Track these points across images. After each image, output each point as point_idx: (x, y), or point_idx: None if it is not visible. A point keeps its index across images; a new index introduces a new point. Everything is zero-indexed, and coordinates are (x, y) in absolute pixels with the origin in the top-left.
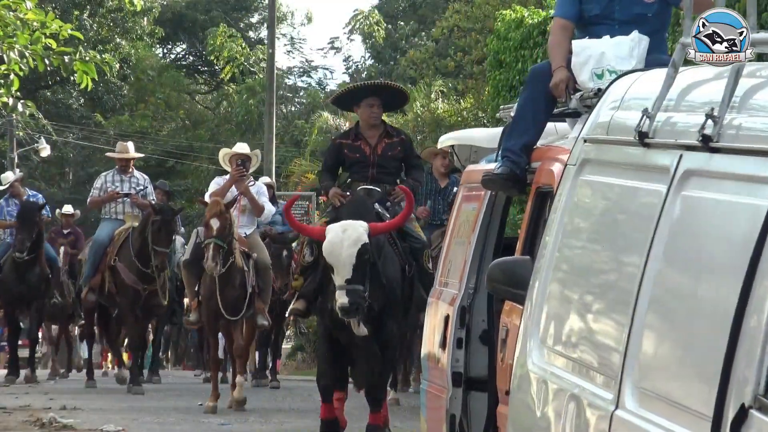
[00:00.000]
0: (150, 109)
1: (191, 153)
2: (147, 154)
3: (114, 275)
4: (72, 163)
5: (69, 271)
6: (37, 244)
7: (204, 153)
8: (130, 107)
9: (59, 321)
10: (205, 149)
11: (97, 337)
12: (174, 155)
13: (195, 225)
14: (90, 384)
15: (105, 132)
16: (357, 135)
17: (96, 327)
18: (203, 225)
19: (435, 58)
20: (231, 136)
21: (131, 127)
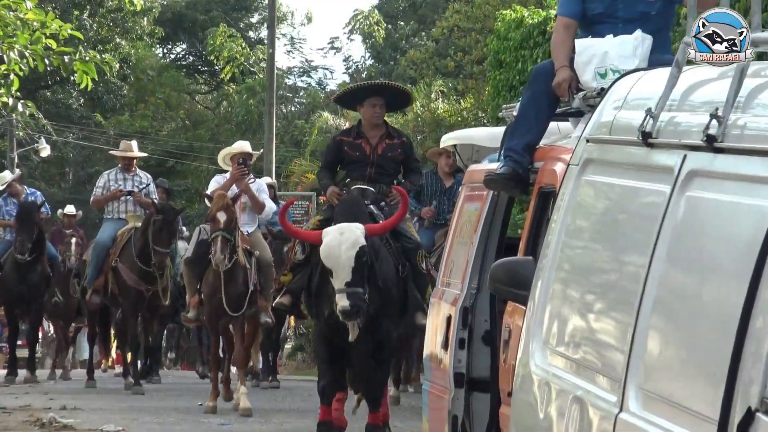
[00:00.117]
0: (150, 109)
1: (191, 153)
2: (147, 154)
3: (116, 276)
4: (72, 163)
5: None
6: (38, 244)
7: (204, 153)
8: (130, 107)
9: (62, 320)
10: (205, 149)
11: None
12: (174, 155)
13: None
14: (90, 384)
15: (105, 132)
16: (359, 133)
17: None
18: (209, 219)
19: (435, 58)
20: (231, 136)
21: (131, 127)
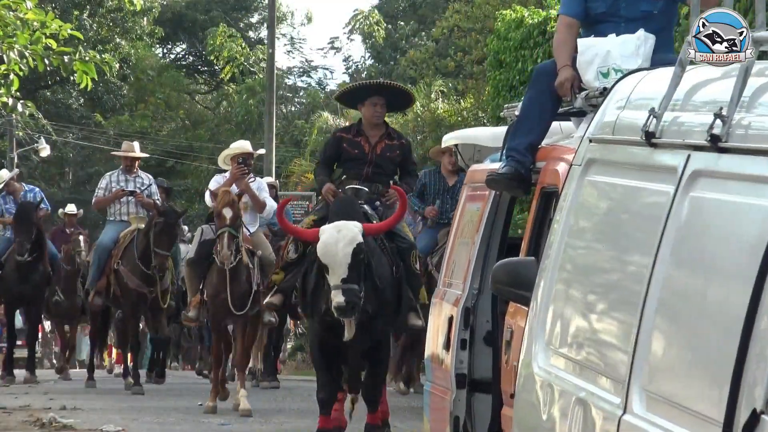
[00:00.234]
0: (150, 109)
1: (191, 153)
2: (149, 154)
3: (118, 278)
4: (72, 163)
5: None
6: (38, 243)
7: (204, 153)
8: (130, 107)
9: (66, 319)
10: (205, 149)
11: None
12: (174, 155)
13: (196, 225)
14: (90, 384)
15: (105, 132)
16: (359, 131)
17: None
18: (215, 215)
19: (435, 58)
20: (231, 136)
21: (131, 127)
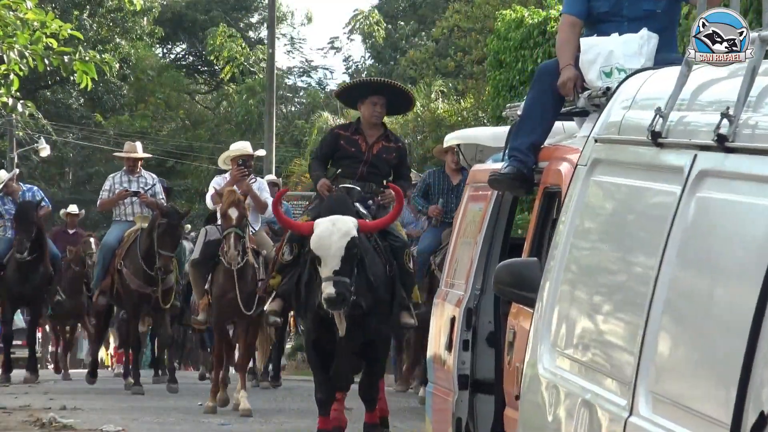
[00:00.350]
0: (150, 109)
1: (191, 153)
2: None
3: (121, 278)
4: (72, 163)
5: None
6: (39, 243)
7: (204, 153)
8: (130, 107)
9: (70, 319)
10: (205, 149)
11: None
12: (174, 155)
13: (195, 225)
14: (90, 381)
15: (105, 132)
16: (356, 129)
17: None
18: (221, 215)
19: (435, 58)
20: (231, 136)
21: (131, 127)
